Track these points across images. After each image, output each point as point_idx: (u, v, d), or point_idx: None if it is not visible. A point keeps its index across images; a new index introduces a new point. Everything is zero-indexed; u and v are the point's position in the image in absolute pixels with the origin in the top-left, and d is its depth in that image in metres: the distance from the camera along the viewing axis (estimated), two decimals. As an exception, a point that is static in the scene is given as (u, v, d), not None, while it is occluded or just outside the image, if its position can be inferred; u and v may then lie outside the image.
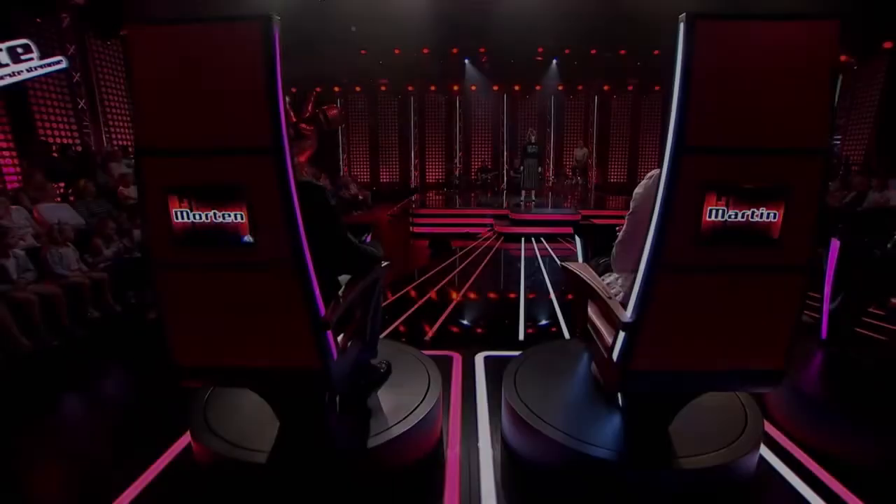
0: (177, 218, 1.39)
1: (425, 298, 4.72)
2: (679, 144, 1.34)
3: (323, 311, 1.58)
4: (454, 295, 4.85)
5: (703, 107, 1.31)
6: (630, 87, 15.10)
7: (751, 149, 1.33)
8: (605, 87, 15.28)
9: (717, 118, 1.32)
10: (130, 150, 8.68)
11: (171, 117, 1.34)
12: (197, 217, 1.39)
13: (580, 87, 15.23)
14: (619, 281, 1.95)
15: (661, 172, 1.41)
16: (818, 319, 3.38)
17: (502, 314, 4.40)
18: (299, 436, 1.94)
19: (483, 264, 6.33)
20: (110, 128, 8.82)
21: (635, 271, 1.83)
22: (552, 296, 4.83)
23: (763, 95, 1.29)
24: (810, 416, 2.56)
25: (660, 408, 1.92)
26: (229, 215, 1.40)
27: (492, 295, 5.05)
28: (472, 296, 4.91)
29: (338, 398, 2.18)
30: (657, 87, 15.03)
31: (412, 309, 4.37)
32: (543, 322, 4.16)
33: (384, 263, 2.13)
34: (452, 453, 2.23)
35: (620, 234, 1.83)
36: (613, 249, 1.87)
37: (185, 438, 2.19)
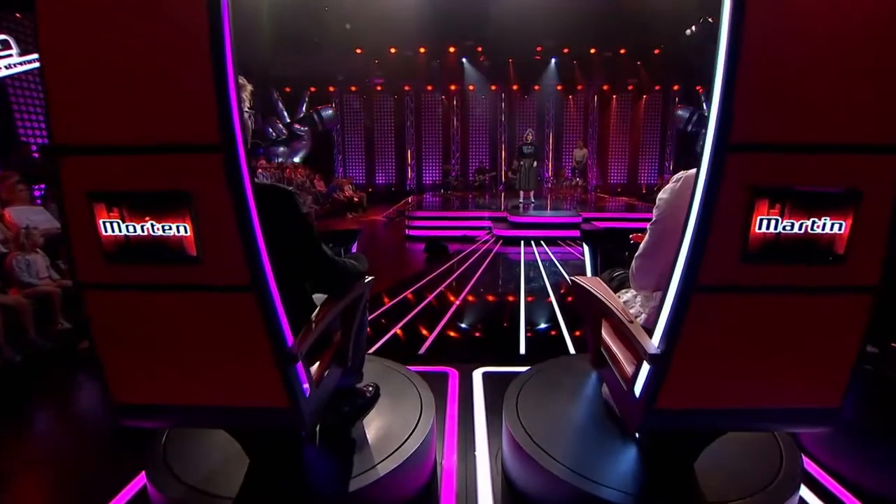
0: (105, 230, 1.13)
1: (420, 307, 4.46)
2: (723, 141, 1.09)
3: (291, 340, 1.33)
4: (450, 304, 4.59)
5: (755, 93, 1.05)
6: (630, 87, 14.89)
7: (813, 145, 1.07)
8: (605, 87, 15.08)
9: (771, 107, 1.06)
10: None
11: (94, 105, 1.08)
12: (130, 229, 1.13)
13: (579, 87, 15.02)
14: (639, 300, 1.70)
15: (698, 175, 1.16)
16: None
17: (501, 325, 4.15)
18: (271, 478, 1.69)
19: (481, 270, 6.07)
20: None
21: (660, 290, 1.58)
22: (554, 304, 4.58)
23: (830, 78, 1.04)
24: (851, 447, 2.30)
25: (685, 443, 1.67)
26: (170, 228, 1.13)
27: (490, 303, 4.80)
28: (469, 305, 4.65)
29: (318, 428, 1.93)
30: (657, 87, 14.82)
31: (405, 319, 4.11)
32: (545, 332, 3.91)
33: (368, 279, 1.87)
34: (447, 488, 1.98)
35: (642, 247, 1.58)
36: (633, 263, 1.62)
37: (141, 479, 1.92)
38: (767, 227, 1.12)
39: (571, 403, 2.20)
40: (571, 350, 3.54)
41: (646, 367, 1.37)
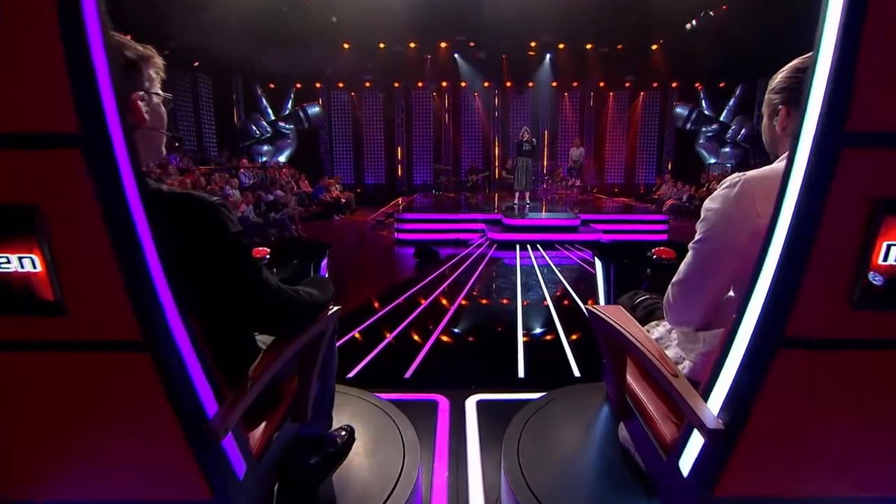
0: None
1: (406, 322, 4.08)
2: (834, 128, 0.74)
3: (213, 409, 0.96)
4: (440, 318, 4.21)
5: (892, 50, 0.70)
6: (627, 84, 14.61)
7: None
8: (601, 84, 14.79)
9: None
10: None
11: None
12: (-52, 263, 0.76)
13: (575, 84, 14.72)
14: (675, 337, 1.35)
15: (787, 178, 0.81)
16: None
17: (497, 342, 3.78)
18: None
19: (473, 278, 5.71)
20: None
21: (709, 328, 1.24)
22: (555, 318, 4.22)
23: None
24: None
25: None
26: (8, 261, 0.77)
27: (484, 318, 4.42)
28: (460, 319, 4.28)
29: (276, 488, 1.56)
30: (655, 84, 14.56)
31: (390, 336, 3.74)
32: (546, 351, 3.56)
33: (333, 309, 1.49)
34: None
35: (682, 271, 1.22)
36: (668, 291, 1.27)
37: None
38: (896, 258, 0.77)
39: (583, 449, 1.86)
40: (575, 371, 3.19)
41: (700, 442, 1.02)
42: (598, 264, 2.12)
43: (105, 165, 0.74)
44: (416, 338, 3.70)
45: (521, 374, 3.20)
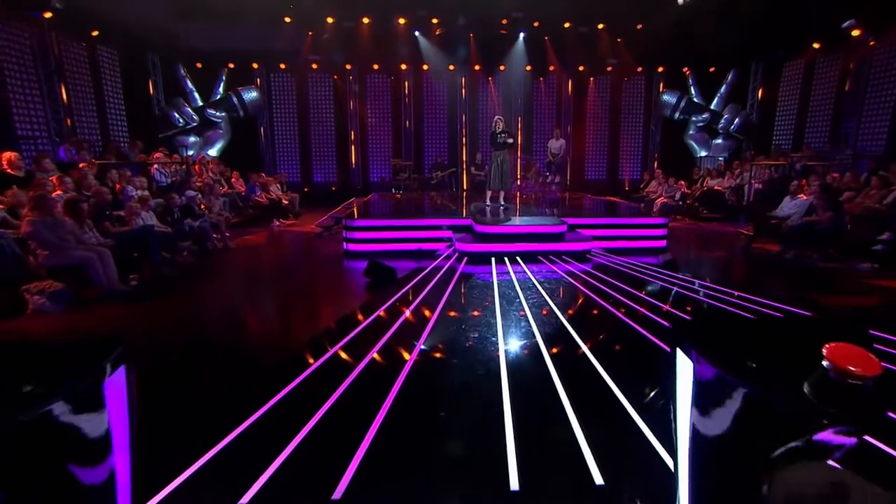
0: None
1: (340, 390, 2.99)
2: None
3: None
4: (390, 383, 3.11)
5: None
6: (609, 69, 13.90)
7: None
8: (581, 68, 14.04)
9: None
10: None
11: None
12: None
13: (552, 68, 13.91)
14: None
15: None
16: None
17: (474, 425, 2.75)
18: None
19: (438, 309, 4.63)
20: None
21: None
22: (556, 380, 3.22)
23: None
24: None
25: None
26: None
27: (453, 380, 3.39)
28: (419, 382, 3.22)
29: None
30: (640, 69, 13.92)
31: (313, 419, 2.65)
32: (545, 430, 2.58)
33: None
34: None
35: None
36: None
37: None
38: None
39: None
40: (596, 475, 2.21)
41: None
42: (681, 360, 1.13)
43: None
44: (349, 424, 2.62)
45: (514, 483, 2.19)
